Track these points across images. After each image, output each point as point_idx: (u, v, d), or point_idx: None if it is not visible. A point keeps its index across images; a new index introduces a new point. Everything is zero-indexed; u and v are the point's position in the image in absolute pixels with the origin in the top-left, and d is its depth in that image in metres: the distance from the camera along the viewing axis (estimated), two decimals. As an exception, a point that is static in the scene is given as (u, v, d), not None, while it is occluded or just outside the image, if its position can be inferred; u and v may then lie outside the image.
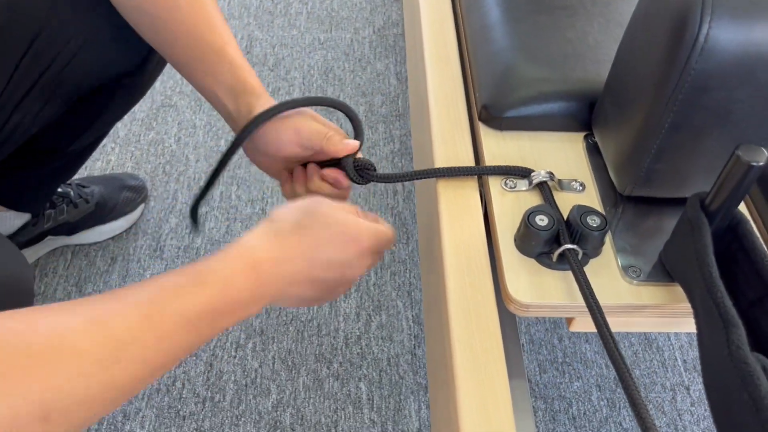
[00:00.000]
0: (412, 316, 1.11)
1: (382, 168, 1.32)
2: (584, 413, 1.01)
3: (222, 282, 0.49)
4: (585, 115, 0.74)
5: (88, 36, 0.76)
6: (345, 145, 0.66)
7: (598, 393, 1.03)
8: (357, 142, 0.67)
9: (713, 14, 0.52)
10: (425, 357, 1.06)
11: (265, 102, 0.68)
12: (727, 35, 0.52)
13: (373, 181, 0.69)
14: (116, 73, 0.85)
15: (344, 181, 0.68)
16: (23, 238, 1.07)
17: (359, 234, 0.59)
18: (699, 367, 1.07)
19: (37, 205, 1.06)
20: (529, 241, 0.62)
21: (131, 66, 0.86)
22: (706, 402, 0.53)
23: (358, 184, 0.68)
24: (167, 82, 1.46)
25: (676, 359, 1.08)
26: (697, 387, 1.04)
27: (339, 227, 0.58)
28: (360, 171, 0.68)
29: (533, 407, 1.01)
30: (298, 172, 0.71)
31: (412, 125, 1.06)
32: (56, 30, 0.74)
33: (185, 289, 0.47)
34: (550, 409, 1.01)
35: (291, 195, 0.71)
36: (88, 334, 0.40)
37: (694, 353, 1.09)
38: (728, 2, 0.52)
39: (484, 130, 0.75)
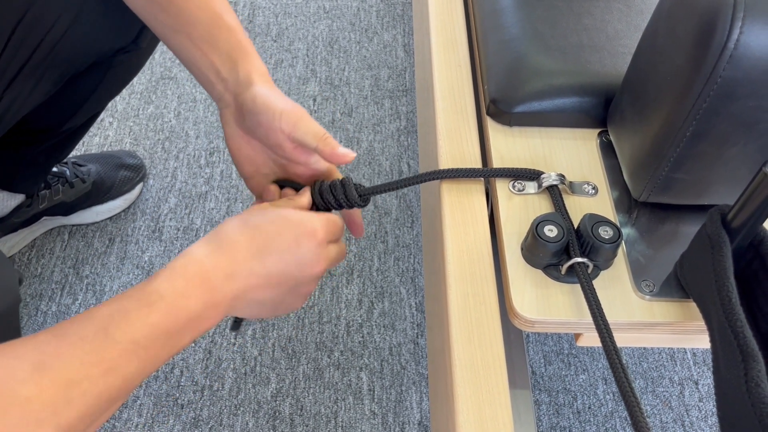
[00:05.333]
0: (416, 303, 1.08)
1: (388, 147, 1.28)
2: (589, 407, 0.99)
3: (170, 300, 0.46)
4: (600, 110, 0.69)
5: (78, 11, 0.73)
6: (344, 151, 0.59)
7: (605, 386, 1.01)
8: (354, 153, 0.61)
9: (745, 18, 0.47)
10: (428, 347, 1.03)
11: (260, 69, 0.63)
12: (760, 41, 0.48)
13: (375, 194, 0.62)
14: (109, 50, 0.82)
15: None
16: (18, 219, 1.04)
17: (310, 224, 0.55)
18: (708, 361, 1.05)
19: (31, 185, 1.03)
20: (537, 252, 0.58)
21: (124, 42, 0.82)
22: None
23: (360, 206, 0.61)
24: (167, 53, 1.41)
25: (686, 352, 1.05)
26: (706, 381, 1.01)
27: (287, 221, 0.54)
28: (358, 189, 0.61)
29: (537, 400, 0.99)
30: (273, 192, 0.63)
31: (418, 111, 1.02)
32: (45, 5, 0.70)
33: (131, 314, 0.44)
34: (555, 402, 0.99)
35: None
36: (34, 381, 0.38)
37: (705, 347, 1.06)
38: (761, 5, 0.48)
39: (492, 126, 0.71)
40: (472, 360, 0.56)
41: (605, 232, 0.57)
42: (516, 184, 0.66)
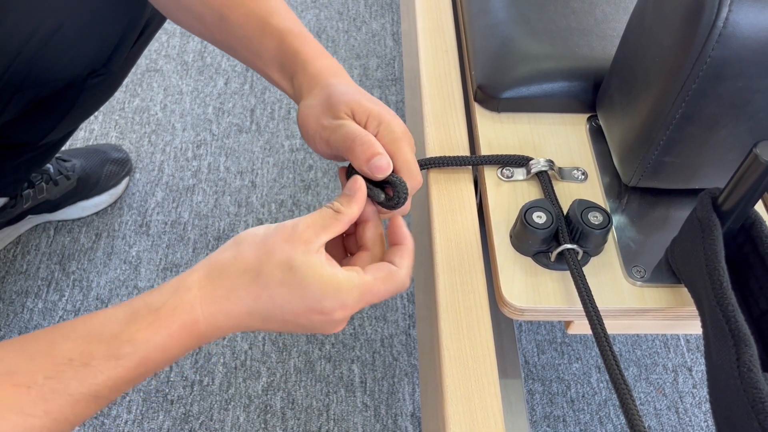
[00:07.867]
0: (407, 294, 1.07)
1: (377, 137, 1.27)
2: (583, 395, 0.98)
3: (143, 353, 0.41)
4: (589, 95, 0.68)
5: (49, 34, 0.71)
6: (383, 163, 0.50)
7: (598, 375, 1.00)
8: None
9: (734, -4, 0.46)
10: (420, 337, 1.03)
11: (318, 79, 0.54)
12: (749, 19, 0.47)
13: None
14: (80, 74, 0.79)
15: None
16: (2, 220, 1.03)
17: (330, 295, 0.45)
18: (702, 347, 1.04)
19: (13, 190, 1.01)
20: (526, 239, 0.57)
21: (95, 66, 0.80)
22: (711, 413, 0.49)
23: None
24: (152, 45, 1.39)
25: (679, 338, 1.05)
26: (700, 368, 1.01)
27: (306, 287, 0.44)
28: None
29: (530, 389, 0.98)
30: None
31: (407, 100, 1.00)
32: (12, 29, 0.68)
33: (94, 364, 0.39)
34: (548, 391, 0.98)
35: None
36: None
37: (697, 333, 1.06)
38: (751, -18, 0.47)
39: (479, 112, 0.69)
40: (461, 350, 0.55)
41: (595, 218, 0.56)
42: (504, 170, 0.65)
